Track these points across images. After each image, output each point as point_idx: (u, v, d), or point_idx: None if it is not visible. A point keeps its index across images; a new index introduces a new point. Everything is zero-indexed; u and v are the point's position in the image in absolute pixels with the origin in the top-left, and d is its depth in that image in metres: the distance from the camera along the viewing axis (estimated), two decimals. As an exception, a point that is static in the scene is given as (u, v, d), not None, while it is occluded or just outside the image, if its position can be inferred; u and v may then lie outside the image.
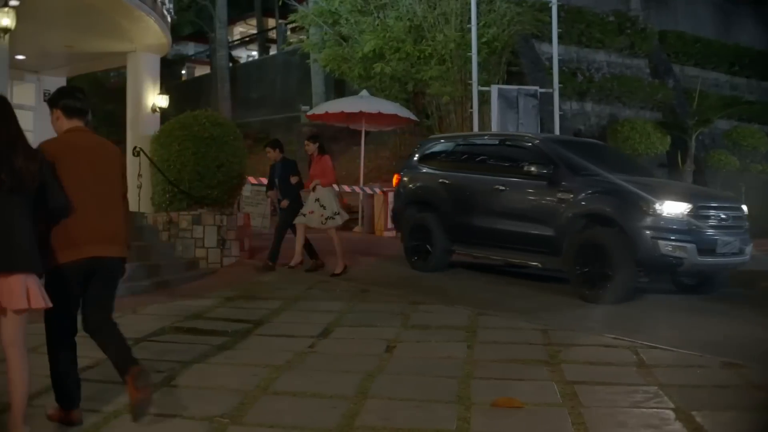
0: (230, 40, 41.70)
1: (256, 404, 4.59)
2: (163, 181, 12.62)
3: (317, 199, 11.27)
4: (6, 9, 10.35)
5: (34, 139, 13.90)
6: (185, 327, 7.23)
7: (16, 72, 14.89)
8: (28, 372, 4.07)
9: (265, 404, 4.62)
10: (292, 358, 5.81)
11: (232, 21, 41.75)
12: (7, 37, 10.51)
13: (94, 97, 26.93)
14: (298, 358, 5.86)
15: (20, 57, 15.03)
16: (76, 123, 4.77)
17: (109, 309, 4.72)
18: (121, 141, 14.83)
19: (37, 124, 16.80)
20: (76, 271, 4.44)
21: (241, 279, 10.77)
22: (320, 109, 20.31)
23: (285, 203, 11.79)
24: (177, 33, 24.84)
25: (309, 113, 21.45)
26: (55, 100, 4.83)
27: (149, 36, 14.38)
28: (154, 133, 13.78)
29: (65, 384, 4.45)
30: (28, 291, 3.97)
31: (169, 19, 14.86)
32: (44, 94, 16.98)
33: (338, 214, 11.40)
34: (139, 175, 13.04)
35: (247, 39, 47.67)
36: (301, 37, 29.09)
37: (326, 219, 11.24)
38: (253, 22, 45.59)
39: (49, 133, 4.90)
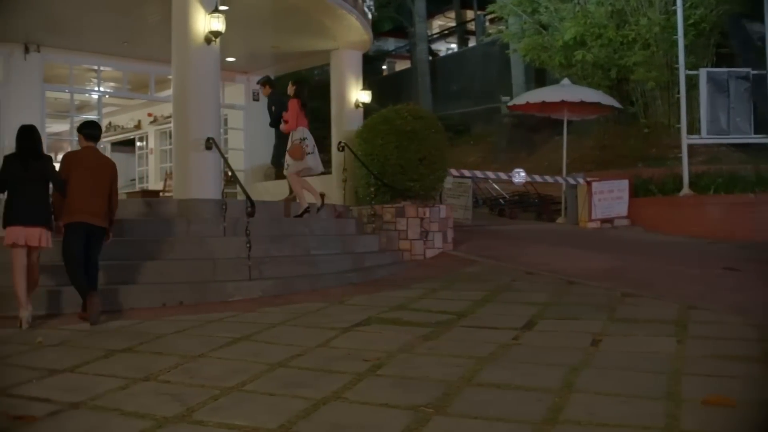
0: (429, 33, 42.06)
1: (460, 395, 4.59)
2: (366, 175, 12.89)
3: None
4: (216, 14, 10.84)
5: (244, 136, 14.45)
6: (390, 317, 7.34)
7: (227, 74, 15.62)
8: (37, 274, 7.47)
9: (469, 395, 4.61)
10: (495, 350, 5.77)
11: (431, 15, 42.04)
12: (218, 40, 11.03)
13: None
14: (501, 350, 5.81)
15: (231, 59, 15.77)
16: (91, 144, 7.95)
17: (96, 254, 7.75)
18: (325, 137, 15.27)
19: (247, 123, 17.62)
20: (75, 228, 7.51)
21: (445, 270, 10.83)
22: (521, 99, 20.10)
23: None
24: (377, 29, 25.31)
25: (510, 104, 21.27)
26: (80, 129, 8.06)
27: (351, 33, 14.70)
28: (357, 128, 14.12)
29: (79, 283, 7.46)
30: (40, 236, 7.29)
31: (369, 16, 15.13)
32: (253, 94, 17.73)
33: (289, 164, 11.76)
34: (344, 170, 13.38)
35: (446, 32, 47.88)
36: (500, 27, 29.00)
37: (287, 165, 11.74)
38: (452, 14, 45.79)
39: (258, 129, 5.60)
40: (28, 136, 7.55)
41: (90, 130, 7.97)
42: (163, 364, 5.42)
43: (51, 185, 7.60)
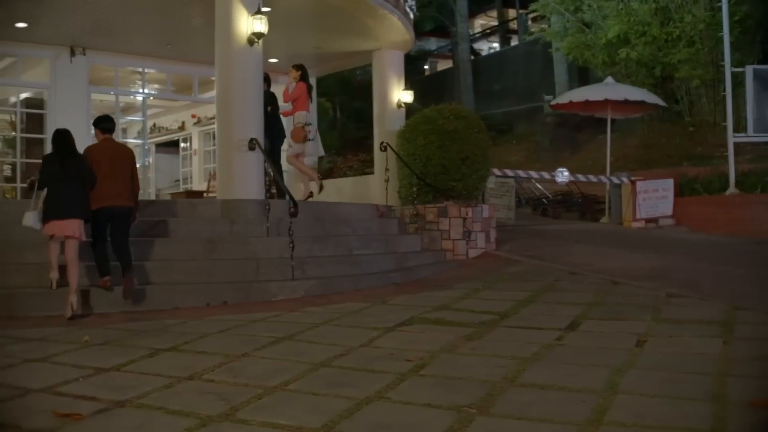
0: (471, 33, 41.92)
1: (503, 396, 4.57)
2: (409, 175, 12.90)
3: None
4: (259, 16, 10.90)
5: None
6: (433, 317, 7.33)
7: (269, 75, 15.73)
8: (77, 269, 7.88)
9: (512, 396, 4.59)
10: (539, 351, 5.74)
11: (473, 14, 41.93)
12: (260, 42, 11.08)
13: (342, 95, 27.92)
14: (545, 350, 5.78)
15: (273, 60, 15.84)
16: (107, 136, 8.68)
17: (124, 236, 8.38)
18: (368, 137, 15.30)
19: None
20: (101, 213, 8.23)
21: (488, 270, 10.79)
22: (564, 98, 19.98)
23: None
24: (419, 29, 25.32)
25: (552, 103, 21.15)
26: (96, 123, 8.85)
27: (393, 33, 14.71)
28: (399, 128, 14.12)
29: (101, 261, 8.23)
30: (75, 228, 7.91)
31: (411, 16, 15.13)
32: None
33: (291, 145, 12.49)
34: (386, 170, 13.39)
35: (488, 31, 47.70)
36: (543, 26, 28.86)
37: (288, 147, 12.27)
38: (494, 13, 45.59)
39: None
40: (63, 139, 8.26)
41: (105, 124, 8.78)
42: (207, 363, 5.46)
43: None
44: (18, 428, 4.02)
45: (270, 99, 12.45)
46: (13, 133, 16.07)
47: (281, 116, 12.86)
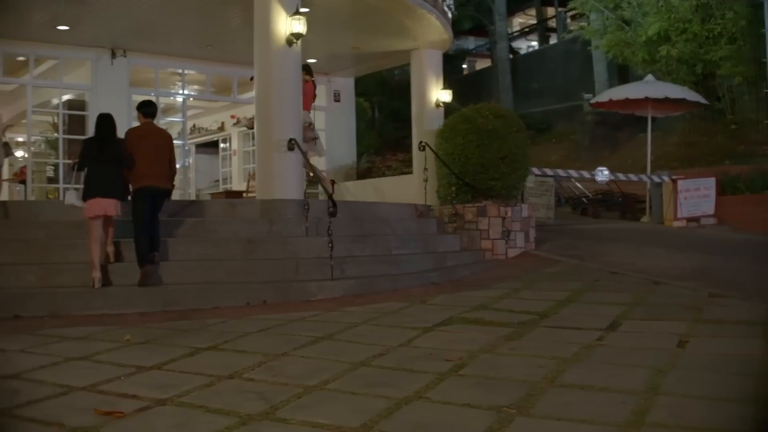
0: (510, 31, 41.74)
1: (542, 396, 4.54)
2: (447, 174, 12.89)
3: None
4: (297, 16, 10.95)
5: (325, 137, 14.48)
6: (472, 317, 7.31)
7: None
8: (113, 246, 8.79)
9: (552, 396, 4.56)
10: (579, 351, 5.70)
11: (511, 13, 41.73)
12: (299, 42, 11.13)
13: (380, 95, 27.92)
14: (585, 350, 5.74)
15: (312, 60, 15.91)
16: (149, 120, 9.21)
17: (158, 213, 8.96)
18: (406, 137, 15.30)
19: (328, 124, 17.77)
20: (144, 191, 8.76)
21: (527, 270, 10.75)
22: (603, 96, 19.86)
23: None
24: (457, 28, 25.26)
25: (592, 101, 21.01)
26: (139, 107, 9.31)
27: (431, 33, 14.70)
28: (438, 127, 14.12)
29: (143, 252, 8.52)
30: (114, 207, 8.49)
31: (449, 15, 15.12)
32: (334, 94, 17.85)
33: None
34: (425, 169, 13.40)
35: (526, 30, 47.48)
36: (582, 24, 28.65)
37: None
38: (532, 12, 45.39)
39: (340, 130, 5.81)
40: (105, 123, 8.80)
41: (147, 108, 9.31)
42: (247, 362, 5.49)
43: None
44: (61, 425, 4.07)
45: None
46: (56, 135, 16.32)
47: None
